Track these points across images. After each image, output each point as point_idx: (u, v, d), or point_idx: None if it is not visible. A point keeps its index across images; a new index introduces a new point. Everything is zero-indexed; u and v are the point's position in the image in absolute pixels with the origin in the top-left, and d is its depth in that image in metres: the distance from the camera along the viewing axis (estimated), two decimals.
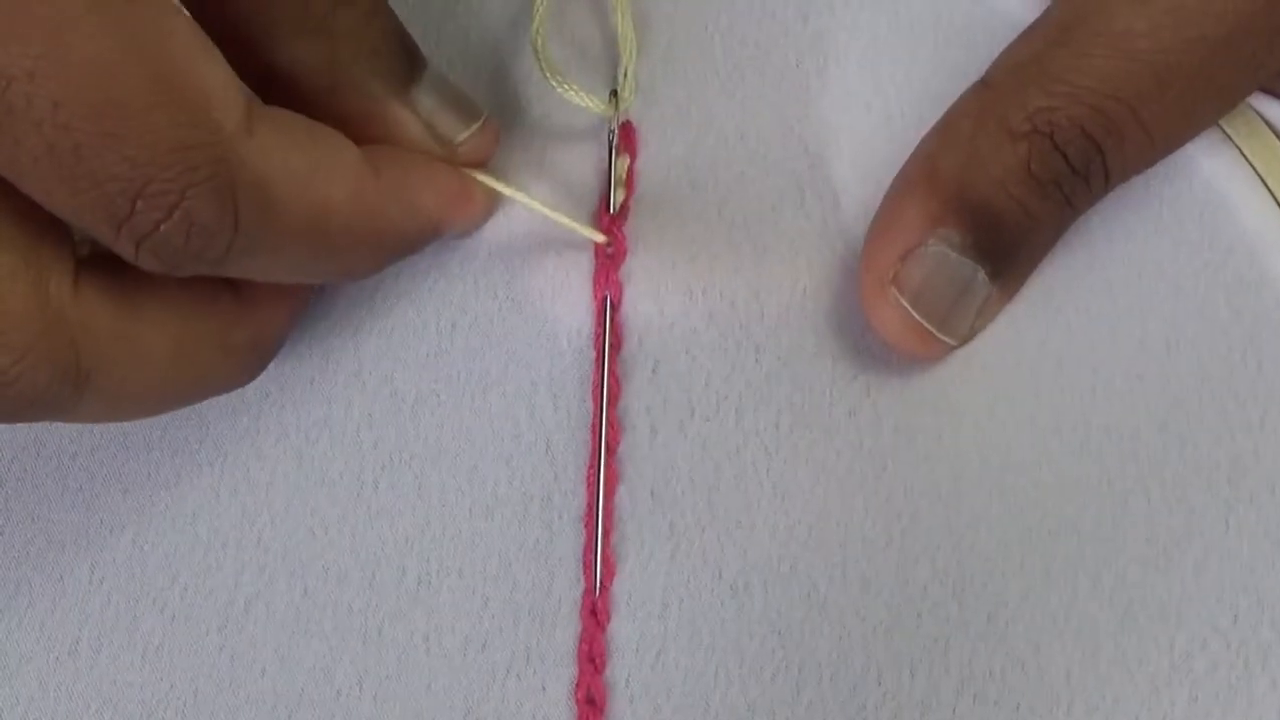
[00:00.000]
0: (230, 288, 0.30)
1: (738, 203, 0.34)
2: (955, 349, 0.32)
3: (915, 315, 0.31)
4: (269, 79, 0.29)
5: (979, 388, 0.32)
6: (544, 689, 0.31)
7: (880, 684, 0.31)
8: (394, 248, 0.31)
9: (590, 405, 0.33)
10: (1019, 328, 0.33)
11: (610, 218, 0.34)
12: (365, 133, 0.30)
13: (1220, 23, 0.29)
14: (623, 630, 0.32)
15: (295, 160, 0.27)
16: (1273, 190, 0.33)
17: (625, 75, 0.34)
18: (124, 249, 0.26)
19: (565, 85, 0.33)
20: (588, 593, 0.32)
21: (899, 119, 0.34)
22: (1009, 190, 0.30)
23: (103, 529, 0.33)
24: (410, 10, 0.35)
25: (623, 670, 0.31)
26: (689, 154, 0.35)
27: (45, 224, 0.26)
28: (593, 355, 0.33)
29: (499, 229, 0.34)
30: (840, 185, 0.34)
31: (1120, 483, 0.32)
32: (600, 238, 0.33)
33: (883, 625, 0.31)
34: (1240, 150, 0.33)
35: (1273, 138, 0.33)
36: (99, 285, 0.27)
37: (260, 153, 0.26)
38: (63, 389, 0.26)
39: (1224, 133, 0.33)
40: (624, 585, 0.32)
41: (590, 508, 0.32)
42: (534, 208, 0.33)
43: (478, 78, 0.35)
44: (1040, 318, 0.33)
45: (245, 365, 0.31)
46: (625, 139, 0.35)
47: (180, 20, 0.25)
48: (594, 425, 0.33)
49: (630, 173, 0.34)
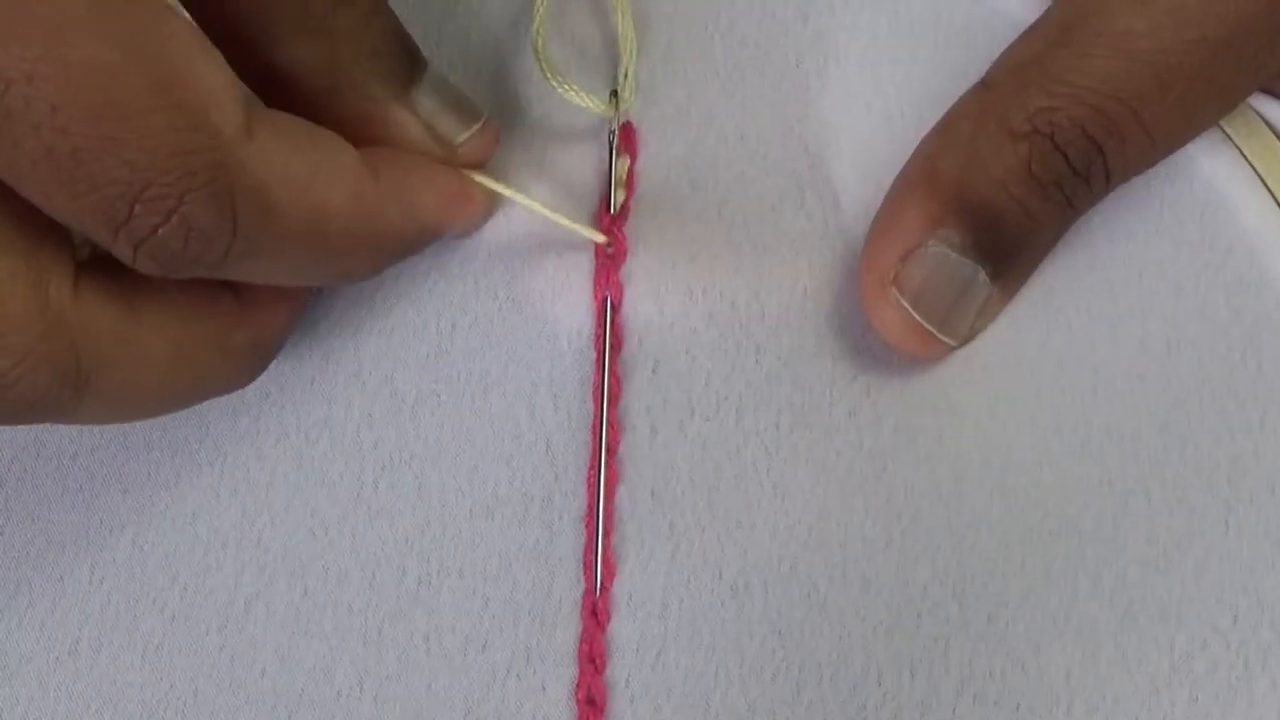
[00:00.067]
0: (230, 289, 0.30)
1: (738, 203, 0.34)
2: (955, 349, 0.32)
3: (915, 316, 0.31)
4: (269, 79, 0.29)
5: (979, 388, 0.32)
6: (544, 689, 0.31)
7: (880, 684, 0.31)
8: (393, 250, 0.31)
9: (590, 405, 0.33)
10: (1019, 328, 0.33)
11: (610, 218, 0.34)
12: (365, 134, 0.30)
13: (1221, 23, 0.29)
14: (623, 630, 0.32)
15: (294, 164, 0.27)
16: (1273, 190, 0.33)
17: (625, 76, 0.34)
18: (122, 252, 0.26)
19: (566, 86, 0.33)
20: (588, 593, 0.32)
21: (899, 119, 0.34)
22: (1010, 191, 0.30)
23: (103, 529, 0.33)
24: (410, 10, 0.35)
25: (623, 670, 0.31)
26: (689, 154, 0.35)
27: (45, 227, 0.26)
28: (593, 356, 0.33)
29: (499, 229, 0.34)
30: (840, 185, 0.34)
31: (1121, 483, 0.32)
32: (600, 238, 0.33)
33: (883, 625, 0.31)
34: (1240, 150, 0.33)
35: (1273, 138, 0.33)
36: (99, 288, 0.27)
37: (259, 157, 0.26)
38: (63, 391, 0.26)
39: (1224, 133, 0.33)
40: (624, 585, 0.32)
41: (590, 508, 0.32)
42: (534, 209, 0.33)
43: (478, 78, 0.35)
44: (1041, 318, 0.33)
45: (245, 367, 0.31)
46: (625, 140, 0.35)
47: (180, 23, 0.25)
48: (594, 425, 0.33)
49: (630, 173, 0.34)
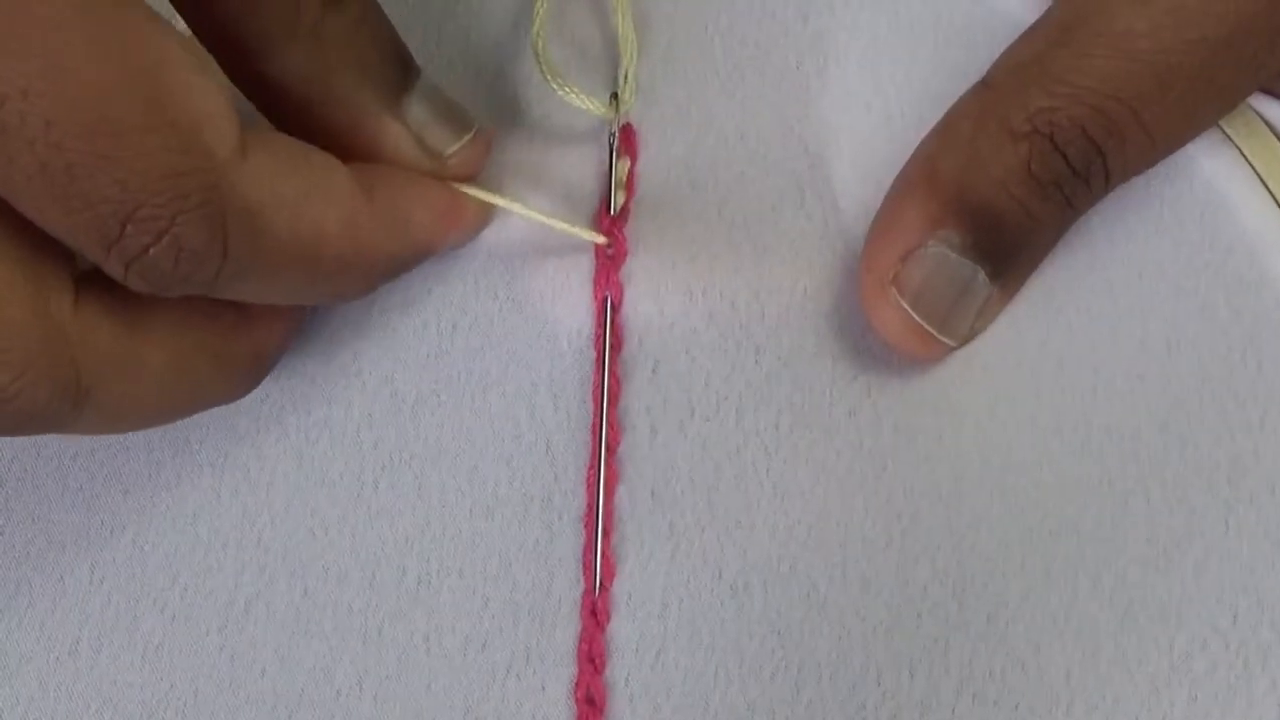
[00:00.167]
0: (230, 302, 0.30)
1: (738, 203, 0.34)
2: (955, 350, 0.32)
3: (915, 316, 0.31)
4: (262, 89, 0.29)
5: (979, 388, 0.32)
6: (544, 689, 0.31)
7: (880, 684, 0.31)
8: (386, 269, 0.31)
9: (590, 406, 0.33)
10: (1019, 328, 0.33)
11: (611, 219, 0.34)
12: (354, 144, 0.30)
13: (1221, 24, 0.29)
14: (622, 630, 0.32)
15: (288, 187, 0.27)
16: (1273, 190, 0.33)
17: (626, 78, 0.34)
18: (113, 269, 0.26)
19: (566, 88, 0.33)
20: (587, 593, 0.32)
21: (899, 119, 0.34)
22: (1009, 191, 0.30)
23: (103, 529, 0.33)
24: (410, 10, 0.35)
25: (622, 670, 0.31)
26: (689, 155, 0.35)
27: (45, 241, 0.26)
28: (593, 356, 0.33)
29: (499, 231, 0.34)
30: (840, 186, 0.34)
31: (1120, 483, 0.32)
32: (601, 239, 0.33)
33: (882, 625, 0.31)
34: (1240, 150, 0.33)
35: (1273, 138, 0.33)
36: (99, 301, 0.27)
37: (252, 179, 0.26)
38: (62, 405, 0.26)
39: (1224, 133, 0.33)
40: (624, 585, 0.32)
41: (590, 508, 0.32)
42: (531, 217, 0.33)
43: (478, 79, 0.35)
44: (1041, 318, 0.33)
45: (243, 379, 0.31)
46: (626, 141, 0.35)
47: (177, 41, 0.25)
48: (594, 425, 0.33)
49: (631, 175, 0.34)
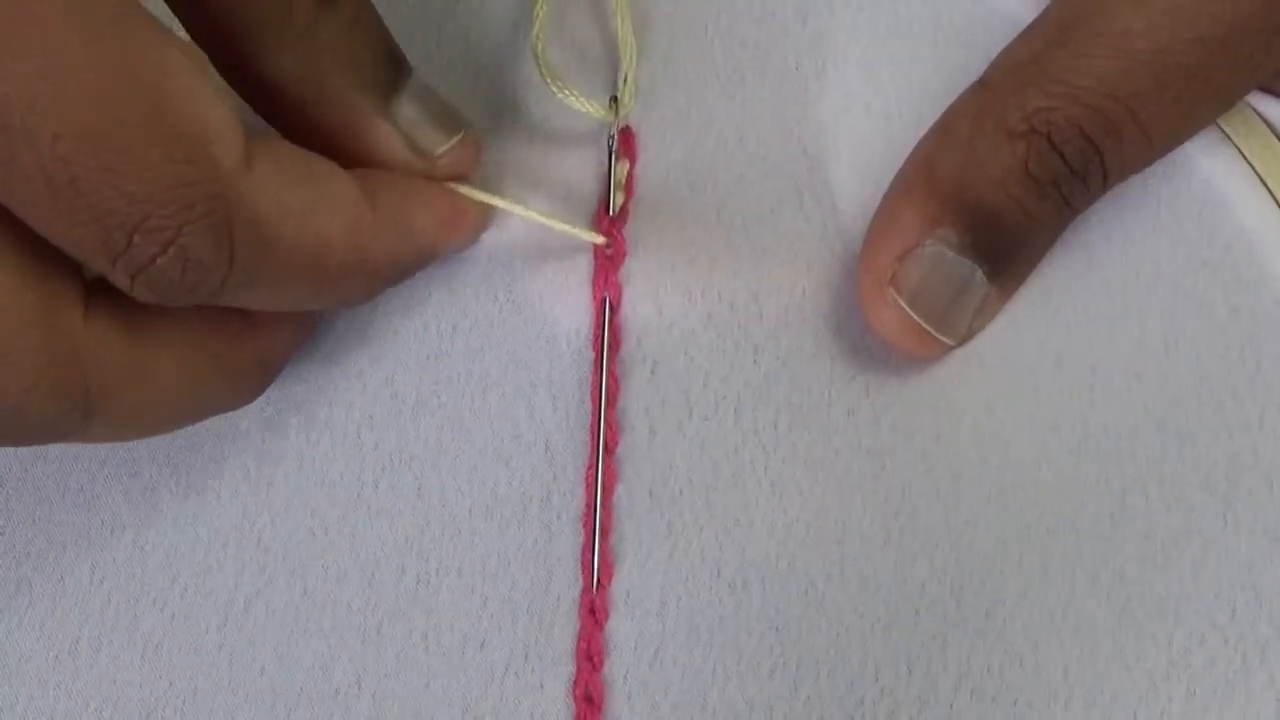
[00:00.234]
0: (237, 311, 0.30)
1: (737, 205, 0.34)
2: (954, 349, 0.32)
3: (913, 315, 0.31)
4: (256, 90, 0.29)
5: (978, 386, 0.32)
6: (542, 687, 0.31)
7: (878, 680, 0.31)
8: (390, 275, 0.31)
9: (589, 406, 0.33)
10: (1017, 327, 0.33)
11: (610, 220, 0.34)
12: (346, 144, 0.30)
13: (1217, 23, 0.29)
14: (621, 628, 0.32)
15: (293, 196, 0.27)
16: (1271, 189, 0.33)
17: (625, 81, 0.34)
18: (119, 280, 0.26)
19: (566, 91, 0.33)
20: (586, 591, 0.32)
21: (898, 120, 0.34)
22: (1007, 190, 0.30)
23: (103, 529, 0.33)
24: (410, 11, 0.35)
25: (621, 668, 0.31)
26: (688, 157, 0.35)
27: (53, 253, 0.26)
28: (591, 356, 0.33)
29: (500, 232, 0.34)
30: (839, 187, 0.34)
31: (1118, 481, 0.32)
32: (600, 240, 0.33)
33: (880, 622, 0.31)
34: (1238, 149, 0.33)
35: (1271, 136, 0.33)
36: (108, 312, 0.27)
37: (257, 189, 0.26)
38: (71, 416, 0.26)
39: (1222, 131, 0.33)
40: (622, 584, 0.32)
41: (589, 507, 0.32)
42: (531, 218, 0.33)
43: (478, 80, 0.35)
44: (1039, 316, 0.33)
45: (250, 386, 0.31)
46: (625, 144, 0.35)
47: (180, 53, 0.25)
48: (593, 425, 0.33)
49: (630, 177, 0.34)
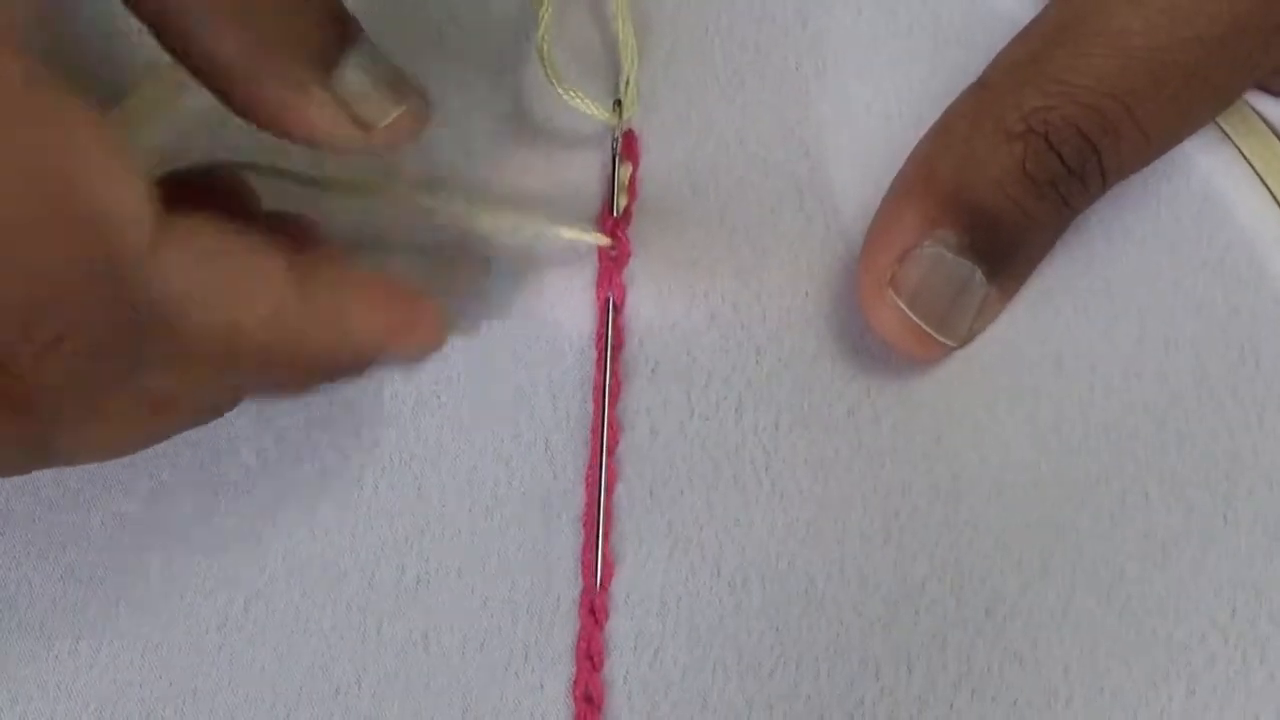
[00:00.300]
0: None
1: (738, 206, 0.34)
2: (955, 350, 0.32)
3: (912, 316, 0.31)
4: (202, 66, 0.28)
5: (978, 386, 0.32)
6: (542, 687, 0.31)
7: (878, 679, 0.31)
8: (323, 373, 0.30)
9: (589, 405, 0.33)
10: (1017, 326, 0.33)
11: (614, 221, 0.34)
12: (285, 119, 0.29)
13: (1215, 22, 0.29)
14: (621, 628, 0.32)
15: (204, 279, 0.26)
16: (1270, 188, 0.33)
17: (628, 84, 0.34)
18: (23, 368, 0.25)
19: (570, 93, 0.33)
20: (586, 591, 0.32)
21: (898, 120, 0.34)
22: (1006, 191, 0.30)
23: (103, 529, 0.33)
24: (412, 13, 0.35)
25: (621, 668, 0.31)
26: (690, 159, 0.35)
27: None
28: (593, 356, 0.33)
29: (502, 235, 0.34)
30: (840, 188, 0.34)
31: (1118, 480, 0.32)
32: (605, 240, 0.34)
33: (880, 621, 0.31)
34: (1238, 148, 0.33)
35: (1270, 135, 0.33)
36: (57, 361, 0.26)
37: (163, 274, 0.25)
38: (31, 462, 0.26)
39: (1221, 130, 0.33)
40: (622, 583, 0.32)
41: (589, 507, 0.32)
42: (534, 224, 0.33)
43: (480, 83, 0.35)
44: (1039, 316, 0.33)
45: (216, 408, 0.30)
46: (628, 147, 0.35)
47: (91, 126, 0.24)
48: (594, 425, 0.33)
49: (633, 180, 0.35)
